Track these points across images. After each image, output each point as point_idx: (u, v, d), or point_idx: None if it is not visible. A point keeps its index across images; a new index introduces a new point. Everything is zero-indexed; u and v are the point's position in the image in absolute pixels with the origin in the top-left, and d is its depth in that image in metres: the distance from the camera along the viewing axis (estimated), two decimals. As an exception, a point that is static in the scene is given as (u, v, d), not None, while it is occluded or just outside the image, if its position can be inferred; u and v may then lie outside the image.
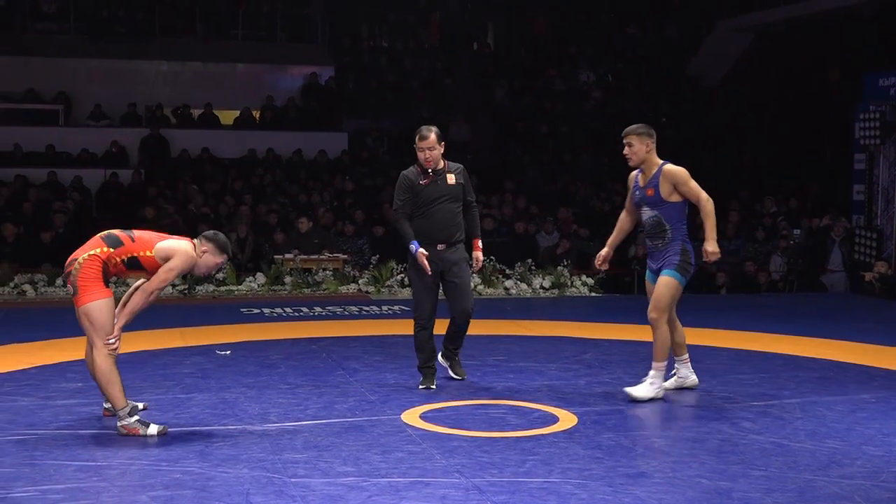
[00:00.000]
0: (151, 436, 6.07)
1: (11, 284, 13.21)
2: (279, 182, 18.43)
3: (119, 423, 6.13)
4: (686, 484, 5.26)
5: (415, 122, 20.87)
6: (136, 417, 6.15)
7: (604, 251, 7.67)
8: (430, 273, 7.42)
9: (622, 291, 15.06)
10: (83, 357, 8.65)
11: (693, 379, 7.56)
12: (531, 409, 6.95)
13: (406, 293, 13.47)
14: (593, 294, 14.14)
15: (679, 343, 7.49)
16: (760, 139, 22.07)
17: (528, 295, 13.87)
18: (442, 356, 7.94)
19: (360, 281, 13.87)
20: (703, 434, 6.28)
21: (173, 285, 13.44)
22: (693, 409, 6.97)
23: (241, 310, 12.05)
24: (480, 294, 13.65)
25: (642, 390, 7.10)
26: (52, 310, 12.16)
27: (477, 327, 10.36)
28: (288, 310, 12.03)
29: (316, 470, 5.46)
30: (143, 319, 11.06)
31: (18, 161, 18.83)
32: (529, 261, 14.37)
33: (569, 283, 14.20)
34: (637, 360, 8.81)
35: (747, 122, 22.74)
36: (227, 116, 21.51)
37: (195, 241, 6.39)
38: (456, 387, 7.64)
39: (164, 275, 6.19)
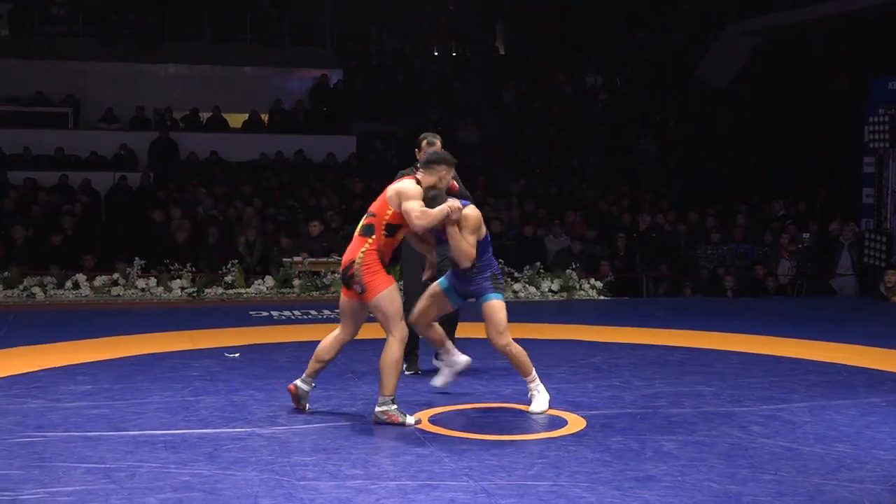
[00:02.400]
0: (410, 425, 6.36)
1: (21, 287, 13.23)
2: (287, 185, 18.45)
3: (379, 409, 6.39)
4: (695, 488, 5.25)
5: (423, 125, 20.95)
6: (396, 406, 6.40)
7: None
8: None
9: (631, 295, 15.06)
10: (92, 359, 8.71)
11: (464, 359, 7.19)
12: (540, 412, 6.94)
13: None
14: (602, 297, 14.12)
15: (440, 337, 7.10)
16: (768, 142, 22.04)
17: (537, 298, 13.86)
18: (435, 357, 8.03)
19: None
20: (713, 438, 6.27)
21: (182, 288, 13.46)
22: (702, 412, 6.95)
23: (250, 313, 12.05)
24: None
25: (537, 404, 6.90)
26: (61, 312, 12.19)
27: (485, 331, 10.37)
28: (296, 312, 12.03)
29: (324, 473, 5.46)
30: (152, 321, 11.14)
31: (27, 164, 18.86)
32: (538, 264, 14.36)
33: (577, 287, 14.18)
34: (645, 363, 8.80)
35: (755, 126, 22.70)
36: (236, 119, 21.53)
37: (417, 176, 6.62)
38: (464, 390, 7.64)
39: (416, 222, 6.40)
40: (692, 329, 10.92)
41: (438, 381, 7.29)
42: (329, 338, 6.77)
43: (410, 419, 6.43)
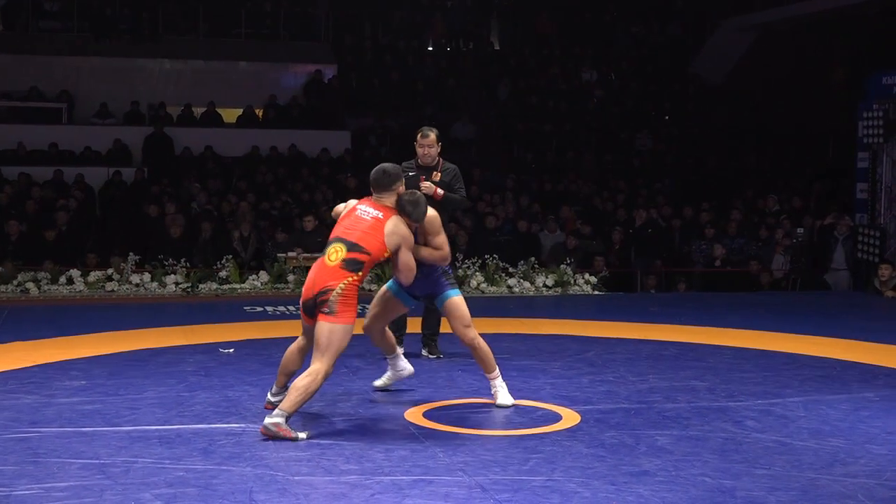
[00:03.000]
0: (302, 439, 5.97)
1: (15, 282, 13.21)
2: (282, 180, 18.44)
3: (270, 420, 5.98)
4: (689, 482, 5.26)
5: (418, 121, 20.94)
6: (287, 423, 6.04)
7: None
8: None
9: (625, 290, 15.06)
10: (86, 355, 8.71)
11: (409, 368, 7.25)
12: (534, 407, 6.95)
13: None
14: (596, 292, 14.12)
15: (392, 343, 7.15)
16: (764, 138, 22.05)
17: (532, 293, 13.86)
18: (423, 347, 8.80)
19: (363, 279, 13.85)
20: (706, 432, 6.27)
21: (176, 283, 13.46)
22: (696, 407, 6.96)
23: (245, 308, 12.04)
24: (484, 292, 13.64)
25: (504, 398, 6.87)
26: (54, 308, 12.17)
27: (480, 326, 10.35)
28: (291, 308, 12.00)
29: (319, 468, 5.46)
30: (147, 317, 11.13)
31: (22, 159, 18.85)
32: (532, 259, 14.36)
33: (572, 282, 14.18)
34: (640, 358, 8.81)
35: (751, 122, 22.72)
36: (230, 114, 21.51)
37: (394, 214, 6.42)
38: (459, 385, 7.64)
39: (406, 272, 6.41)
40: (686, 324, 10.93)
41: (380, 381, 7.26)
42: (293, 349, 6.59)
43: (302, 434, 6.02)
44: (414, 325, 8.82)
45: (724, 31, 24.27)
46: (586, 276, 14.38)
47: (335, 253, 6.20)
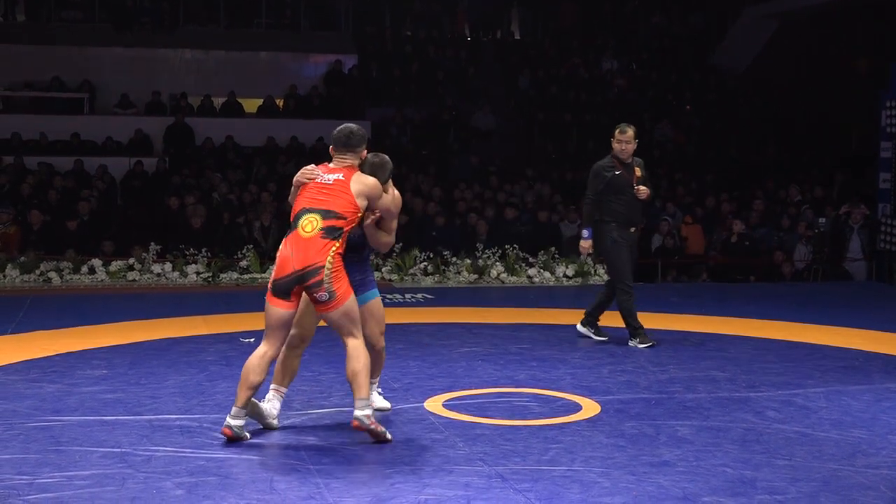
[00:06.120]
0: (390, 440, 5.73)
1: (37, 272, 13.28)
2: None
3: (364, 413, 5.66)
4: (710, 473, 5.25)
5: (439, 111, 20.94)
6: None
7: None
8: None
9: (645, 280, 15.01)
10: (108, 344, 8.75)
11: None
12: (554, 397, 6.94)
13: (429, 282, 13.52)
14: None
15: (293, 370, 6.33)
16: (785, 128, 21.94)
17: (552, 283, 13.84)
18: (586, 324, 9.21)
19: (383, 269, 13.87)
20: (727, 423, 6.26)
21: (197, 273, 13.51)
22: (717, 397, 6.94)
23: (265, 298, 12.04)
24: (504, 282, 13.64)
25: (380, 401, 6.49)
26: (77, 297, 12.23)
27: (500, 316, 10.40)
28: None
29: (339, 457, 5.48)
30: (168, 306, 11.18)
31: (44, 149, 18.92)
32: (553, 249, 14.34)
33: (592, 272, 14.16)
34: (660, 348, 8.78)
35: (772, 111, 22.60)
36: (251, 104, 21.54)
37: (355, 171, 6.02)
38: (478, 375, 7.64)
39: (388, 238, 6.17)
40: (707, 314, 10.90)
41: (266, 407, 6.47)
42: (255, 359, 5.93)
43: (389, 435, 5.76)
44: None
45: (746, 21, 24.13)
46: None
47: (310, 224, 5.78)
